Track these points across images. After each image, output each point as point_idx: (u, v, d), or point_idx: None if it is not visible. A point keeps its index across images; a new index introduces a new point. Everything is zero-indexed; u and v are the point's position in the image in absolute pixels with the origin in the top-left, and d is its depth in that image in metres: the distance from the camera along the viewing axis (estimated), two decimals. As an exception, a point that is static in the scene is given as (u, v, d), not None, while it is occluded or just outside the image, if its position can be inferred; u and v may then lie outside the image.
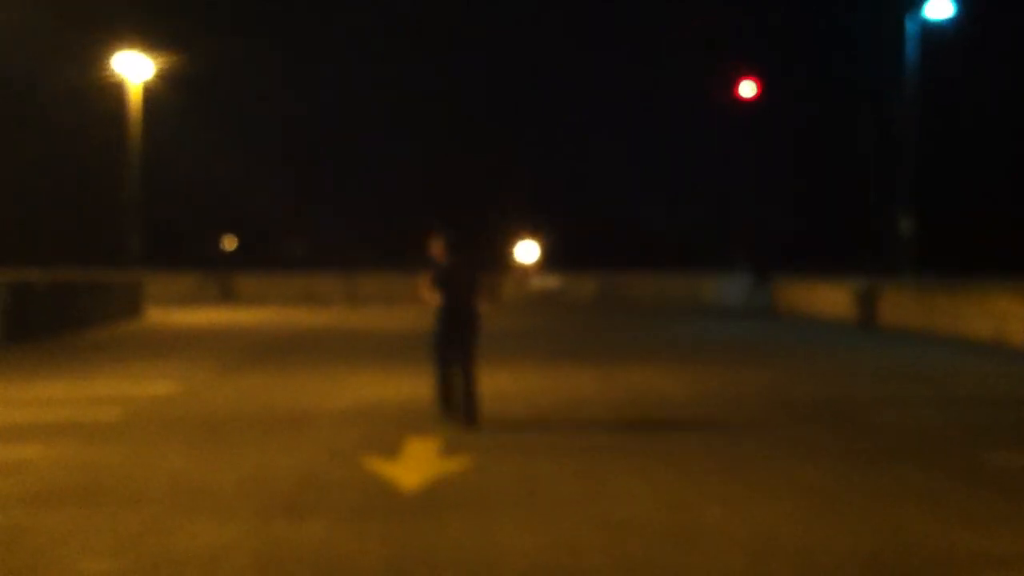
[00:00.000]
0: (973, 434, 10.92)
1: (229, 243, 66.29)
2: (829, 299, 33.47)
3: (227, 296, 46.81)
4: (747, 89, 43.02)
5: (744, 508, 7.51)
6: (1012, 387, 15.19)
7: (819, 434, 10.89)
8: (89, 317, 26.73)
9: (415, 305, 41.70)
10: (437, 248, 11.14)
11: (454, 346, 11.04)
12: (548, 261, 54.34)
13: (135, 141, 38.77)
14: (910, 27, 32.42)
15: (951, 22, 32.79)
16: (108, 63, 39.47)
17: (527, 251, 54.05)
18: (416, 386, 14.52)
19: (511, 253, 54.04)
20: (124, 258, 39.41)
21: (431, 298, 11.12)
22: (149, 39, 41.46)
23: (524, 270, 52.12)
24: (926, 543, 6.62)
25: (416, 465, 8.98)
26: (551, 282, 48.71)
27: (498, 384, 14.20)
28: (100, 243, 52.20)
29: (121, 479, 8.42)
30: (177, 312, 36.38)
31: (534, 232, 55.93)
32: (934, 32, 33.70)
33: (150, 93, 41.23)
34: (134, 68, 38.93)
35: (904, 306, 27.80)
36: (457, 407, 11.05)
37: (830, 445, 10.18)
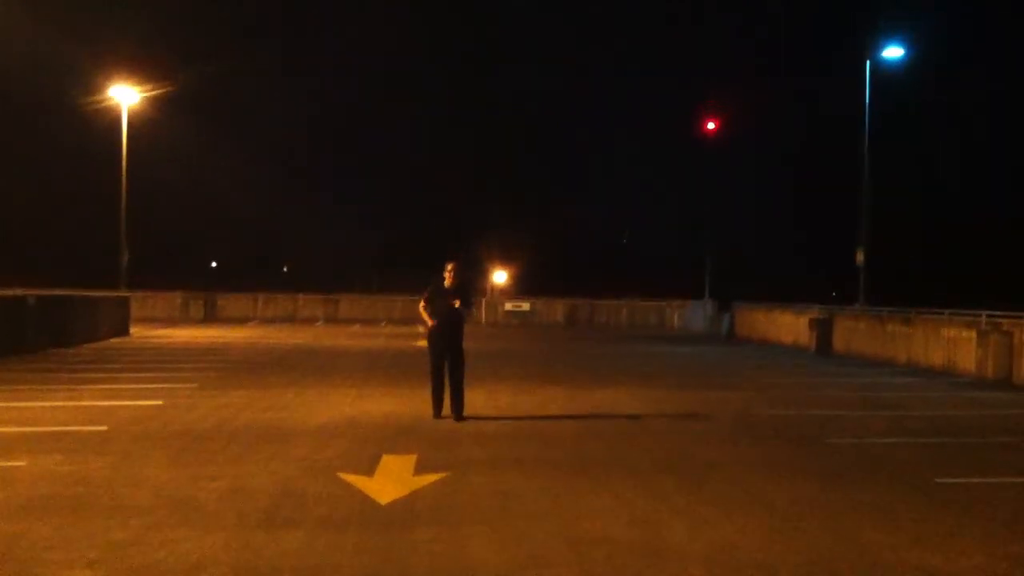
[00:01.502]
0: (925, 456, 11.24)
1: (213, 264, 66.37)
2: (787, 326, 34.09)
3: (211, 315, 46.95)
4: (709, 125, 44.36)
5: (706, 523, 7.80)
6: (962, 412, 15.55)
7: (778, 454, 11.20)
8: (77, 333, 26.89)
9: (394, 326, 41.86)
10: (449, 273, 13.41)
11: (443, 360, 13.29)
12: (520, 286, 55.18)
13: (125, 165, 38.98)
14: (869, 67, 33.38)
15: (902, 63, 34.05)
16: (100, 88, 39.79)
17: (500, 277, 54.99)
18: (393, 404, 14.80)
19: (487, 279, 54.87)
20: (111, 278, 39.59)
21: (427, 319, 13.41)
22: (142, 62, 41.78)
23: (498, 295, 52.91)
24: (881, 559, 6.91)
25: (391, 480, 9.25)
26: (523, 306, 49.64)
27: (472, 403, 14.47)
28: (87, 263, 52.30)
29: (106, 491, 8.65)
30: (162, 330, 36.51)
31: (506, 259, 56.78)
32: (889, 74, 34.81)
33: (142, 116, 41.53)
34: (125, 94, 39.25)
35: (859, 334, 28.33)
36: (446, 409, 13.33)
37: (789, 464, 10.50)
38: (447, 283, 13.37)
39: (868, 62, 33.95)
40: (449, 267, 13.42)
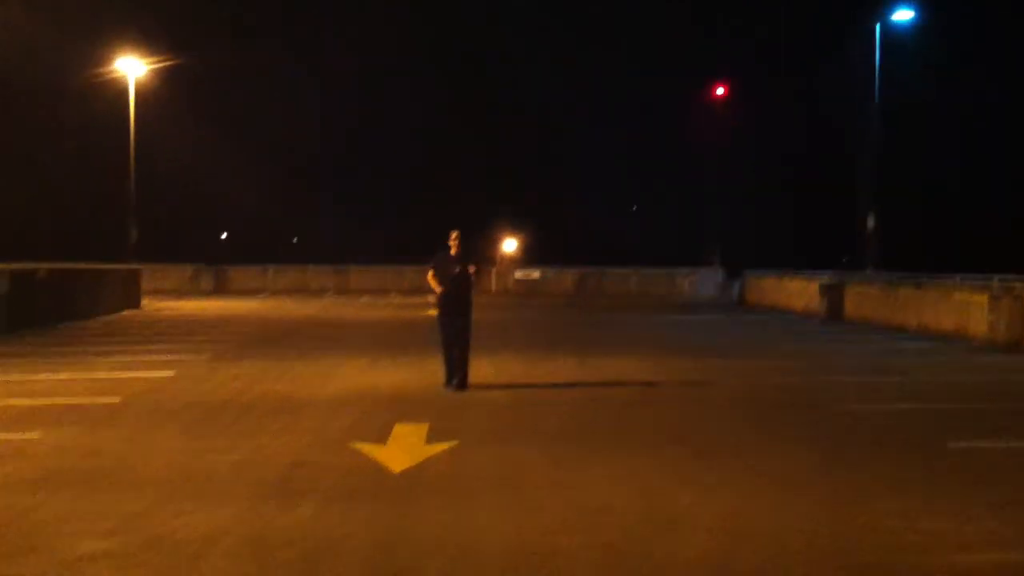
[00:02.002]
0: (937, 422, 11.24)
1: (223, 236, 66.54)
2: (797, 292, 34.03)
3: (221, 287, 47.06)
4: (718, 90, 44.36)
5: (715, 493, 7.82)
6: (973, 377, 15.54)
7: (788, 421, 11.23)
8: (88, 306, 27.00)
9: (403, 297, 41.96)
10: (454, 242, 13.33)
11: (453, 326, 13.31)
12: (530, 255, 55.25)
13: (133, 137, 39.00)
14: (878, 32, 33.27)
15: (912, 25, 33.95)
16: (108, 61, 39.76)
17: (510, 245, 55.05)
18: (404, 375, 14.85)
19: (497, 248, 54.93)
20: (121, 250, 39.71)
21: (435, 287, 13.41)
22: (148, 36, 41.78)
23: (507, 263, 52.94)
24: (892, 527, 6.92)
25: (403, 449, 9.29)
26: (532, 275, 49.67)
27: (482, 372, 14.52)
28: (98, 236, 52.46)
29: (119, 463, 8.72)
30: (172, 302, 36.63)
31: (517, 228, 56.84)
32: (899, 37, 34.73)
33: (147, 90, 41.52)
34: (132, 66, 39.21)
35: (869, 299, 28.27)
36: (452, 377, 13.39)
37: (799, 432, 10.52)
38: (452, 252, 13.34)
39: (878, 25, 33.77)
40: (453, 235, 13.34)
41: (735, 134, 53.43)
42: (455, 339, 13.35)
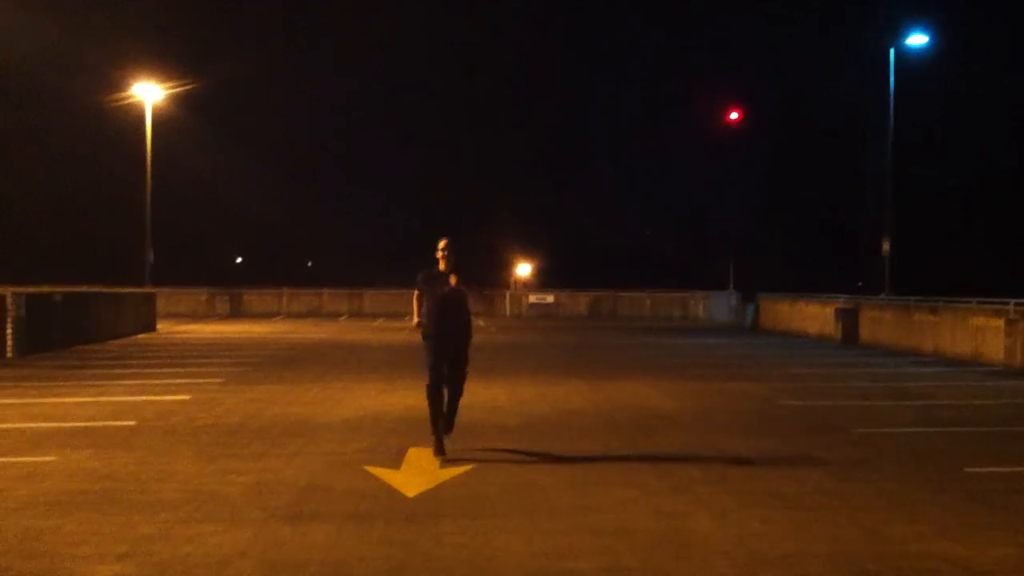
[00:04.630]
0: (953, 447, 11.18)
1: (238, 259, 66.79)
2: (812, 316, 33.95)
3: (236, 311, 47.19)
4: (732, 115, 44.55)
5: (731, 517, 7.79)
6: (990, 401, 15.46)
7: (803, 444, 11.18)
8: (103, 329, 27.12)
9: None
10: (441, 253, 10.32)
11: (443, 358, 10.24)
12: (543, 279, 55.36)
13: (149, 161, 39.25)
14: (893, 55, 33.46)
15: (927, 50, 34.17)
16: (125, 86, 40.09)
17: (524, 270, 55.20)
18: (418, 398, 14.76)
19: (511, 272, 55.06)
20: (137, 274, 39.91)
21: (415, 314, 10.60)
22: (166, 58, 42.09)
23: (521, 287, 53.08)
24: (909, 552, 6.87)
25: (417, 473, 9.29)
26: (547, 299, 49.75)
27: (494, 396, 14.52)
28: (114, 260, 52.73)
29: (134, 485, 8.73)
30: (188, 326, 36.74)
31: (531, 252, 57.02)
32: (913, 62, 34.93)
33: (165, 113, 41.82)
34: (149, 91, 39.50)
35: (884, 324, 28.19)
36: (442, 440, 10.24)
37: (814, 455, 10.47)
38: (442, 266, 10.35)
39: (892, 49, 33.87)
40: (441, 245, 10.37)
41: (749, 157, 53.50)
42: (446, 378, 10.30)
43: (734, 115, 46.57)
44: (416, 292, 10.56)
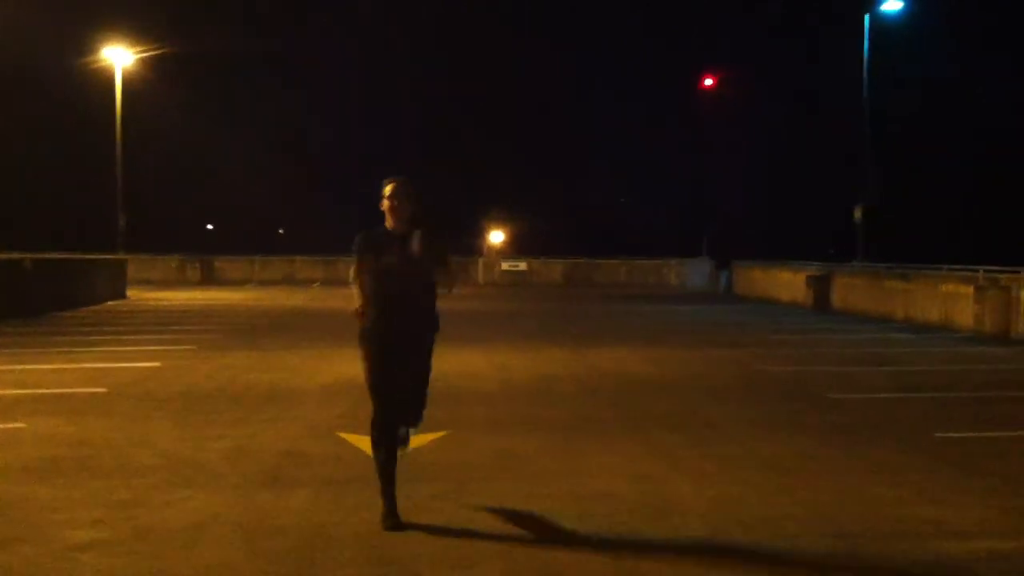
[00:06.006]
0: (927, 412, 11.25)
1: (209, 226, 66.38)
2: (785, 283, 34.14)
3: (208, 278, 46.90)
4: (706, 81, 44.60)
5: (709, 480, 7.81)
6: (961, 367, 15.58)
7: (780, 410, 11.22)
8: (74, 297, 26.87)
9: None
10: (389, 201, 6.80)
11: (392, 366, 6.83)
12: (517, 246, 55.34)
13: (119, 127, 38.85)
14: (867, 22, 33.56)
15: (902, 15, 34.30)
16: (95, 50, 39.59)
17: (497, 237, 55.12)
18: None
19: (484, 239, 54.98)
20: (108, 241, 39.58)
21: (358, 298, 6.94)
22: (136, 23, 41.57)
23: (494, 254, 53.06)
24: (886, 515, 6.91)
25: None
26: (519, 266, 49.74)
27: (472, 362, 14.50)
28: (84, 227, 52.29)
29: (108, 452, 8.65)
30: (159, 293, 36.49)
31: (504, 219, 56.96)
32: (888, 27, 35.03)
33: (135, 78, 41.35)
34: (119, 56, 39.02)
35: (856, 291, 28.36)
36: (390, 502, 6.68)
37: (791, 421, 10.51)
38: (390, 223, 6.83)
39: (867, 16, 33.90)
40: (387, 190, 6.83)
41: (723, 124, 53.57)
42: (399, 389, 6.86)
43: (708, 81, 46.55)
44: (355, 264, 6.90)
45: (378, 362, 6.85)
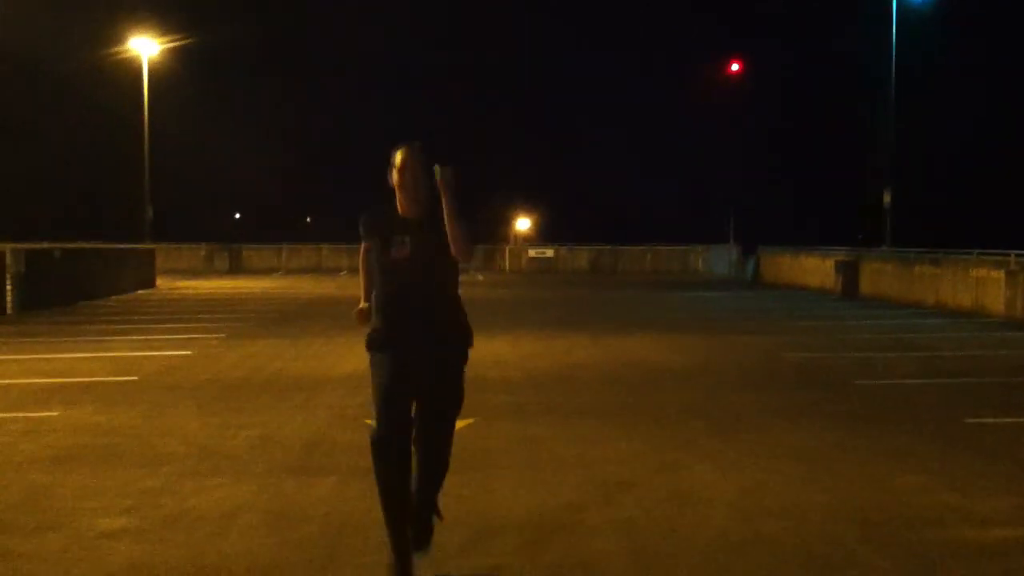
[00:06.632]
0: (955, 398, 11.19)
1: (237, 215, 66.63)
2: (812, 270, 33.91)
3: (235, 267, 47.15)
4: (733, 67, 44.36)
5: (735, 468, 7.80)
6: (991, 352, 15.47)
7: (805, 398, 11.17)
8: (103, 286, 27.10)
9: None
10: (399, 173, 5.28)
11: (413, 392, 5.28)
12: (543, 234, 55.33)
13: (147, 117, 39.07)
14: (894, 5, 33.32)
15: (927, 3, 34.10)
16: (122, 41, 39.82)
17: (523, 224, 55.14)
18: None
19: (511, 227, 54.95)
20: (136, 231, 39.87)
21: (364, 300, 5.62)
22: (163, 14, 41.75)
23: (521, 242, 53.08)
24: (912, 502, 6.89)
25: (421, 428, 9.27)
26: (546, 253, 49.77)
27: (497, 349, 14.52)
28: (113, 217, 52.67)
29: (137, 440, 8.74)
30: (187, 282, 36.73)
31: (531, 206, 56.93)
32: (914, 11, 34.72)
33: (162, 69, 41.57)
34: (146, 46, 39.22)
35: (885, 276, 28.16)
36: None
37: (817, 408, 10.47)
38: (402, 205, 5.33)
39: (894, 2, 33.64)
40: (399, 159, 5.32)
41: (750, 110, 53.29)
42: (413, 428, 5.28)
43: (735, 67, 46.29)
44: (362, 252, 5.60)
45: (387, 374, 5.24)
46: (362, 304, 5.62)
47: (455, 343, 5.34)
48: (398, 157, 5.33)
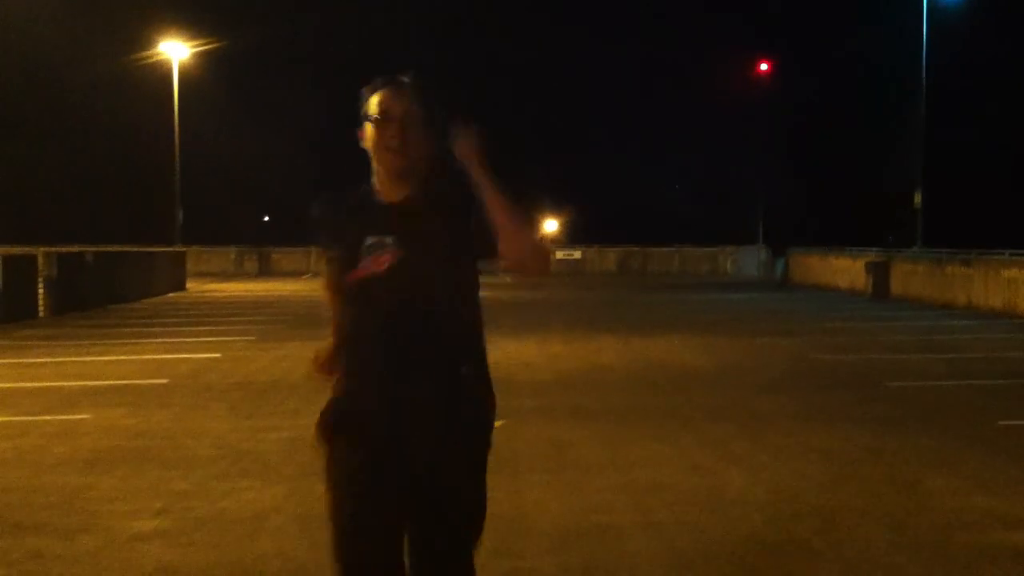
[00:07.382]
0: (987, 400, 11.09)
1: (265, 218, 66.95)
2: (843, 270, 33.66)
3: (265, 269, 47.39)
4: (762, 66, 44.20)
5: (765, 471, 7.76)
6: (1022, 354, 15.31)
7: (836, 399, 11.11)
8: (134, 288, 27.31)
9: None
10: (383, 133, 3.25)
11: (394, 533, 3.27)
12: (571, 235, 55.23)
13: (177, 120, 39.35)
14: (926, 4, 33.16)
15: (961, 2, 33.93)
16: (152, 44, 40.14)
17: (551, 226, 55.07)
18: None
19: (539, 228, 54.88)
20: (167, 234, 40.17)
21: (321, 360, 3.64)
22: (193, 18, 42.04)
23: (548, 243, 52.95)
24: (943, 505, 6.83)
25: (450, 431, 9.28)
26: (574, 255, 49.70)
27: (525, 351, 14.52)
28: (143, 220, 53.05)
29: (168, 442, 8.79)
30: (217, 285, 36.96)
31: (558, 208, 56.86)
32: (946, 11, 34.49)
33: (192, 72, 41.85)
34: (176, 49, 39.50)
35: (916, 277, 27.93)
36: None
37: (847, 410, 10.40)
38: (382, 180, 3.28)
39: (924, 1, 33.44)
40: (375, 102, 3.20)
41: (779, 109, 53.07)
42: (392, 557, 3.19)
43: (764, 66, 46.11)
44: (324, 263, 3.70)
45: (360, 471, 3.29)
46: (328, 342, 3.54)
47: (475, 415, 3.31)
48: (376, 101, 3.24)
